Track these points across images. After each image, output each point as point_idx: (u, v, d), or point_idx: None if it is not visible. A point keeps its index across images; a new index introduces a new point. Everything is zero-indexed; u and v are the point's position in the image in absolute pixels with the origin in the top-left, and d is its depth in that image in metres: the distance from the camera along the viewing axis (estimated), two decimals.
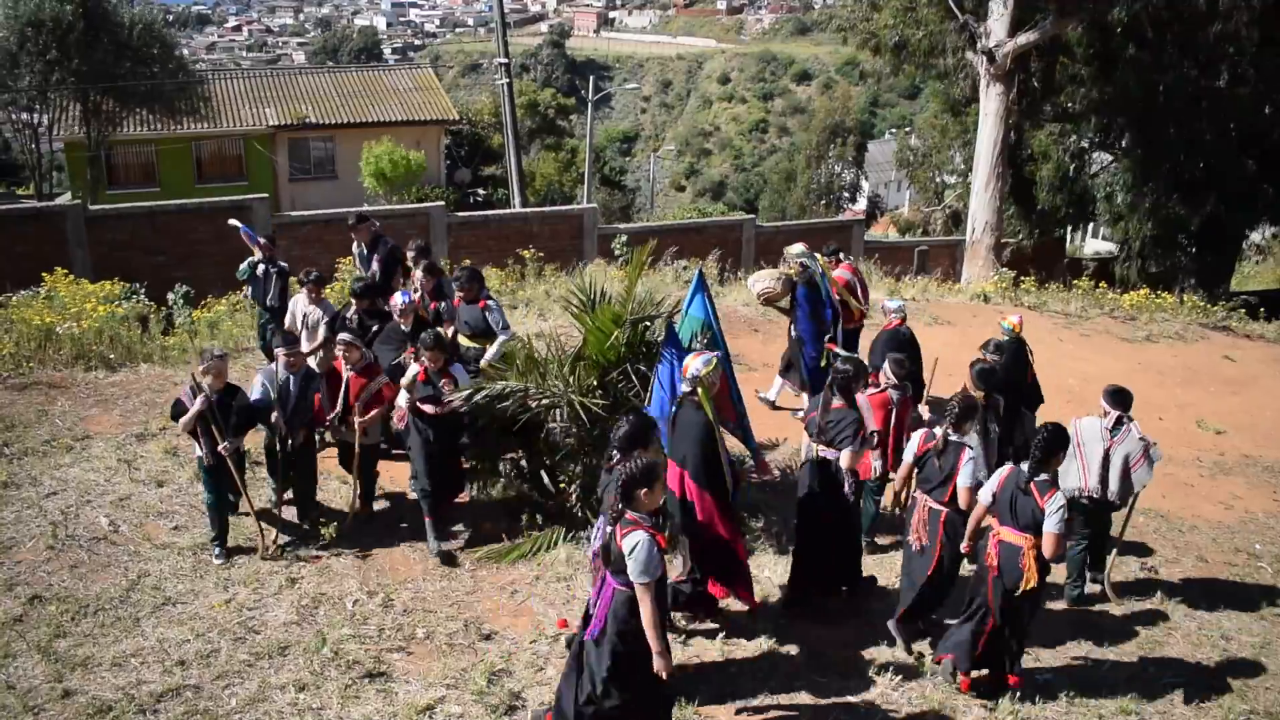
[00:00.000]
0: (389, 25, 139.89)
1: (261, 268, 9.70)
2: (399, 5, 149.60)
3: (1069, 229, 26.77)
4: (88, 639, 5.98)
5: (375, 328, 8.26)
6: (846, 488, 6.34)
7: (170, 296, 12.80)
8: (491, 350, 7.99)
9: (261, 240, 9.78)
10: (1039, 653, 6.33)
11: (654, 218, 45.15)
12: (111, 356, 10.37)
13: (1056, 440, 5.56)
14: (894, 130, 72.72)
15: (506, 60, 21.64)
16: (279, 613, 6.36)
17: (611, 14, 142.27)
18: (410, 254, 9.26)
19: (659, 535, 4.71)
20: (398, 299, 8.04)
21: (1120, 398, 6.82)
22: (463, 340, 8.26)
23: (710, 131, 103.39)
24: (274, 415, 7.01)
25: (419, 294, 8.70)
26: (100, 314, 10.80)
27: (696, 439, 5.89)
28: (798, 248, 9.15)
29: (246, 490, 6.99)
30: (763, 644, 6.19)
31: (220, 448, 6.64)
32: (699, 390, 5.98)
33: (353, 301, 8.49)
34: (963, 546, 5.98)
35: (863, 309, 10.06)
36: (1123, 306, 14.89)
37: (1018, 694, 5.84)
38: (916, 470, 6.23)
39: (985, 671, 5.90)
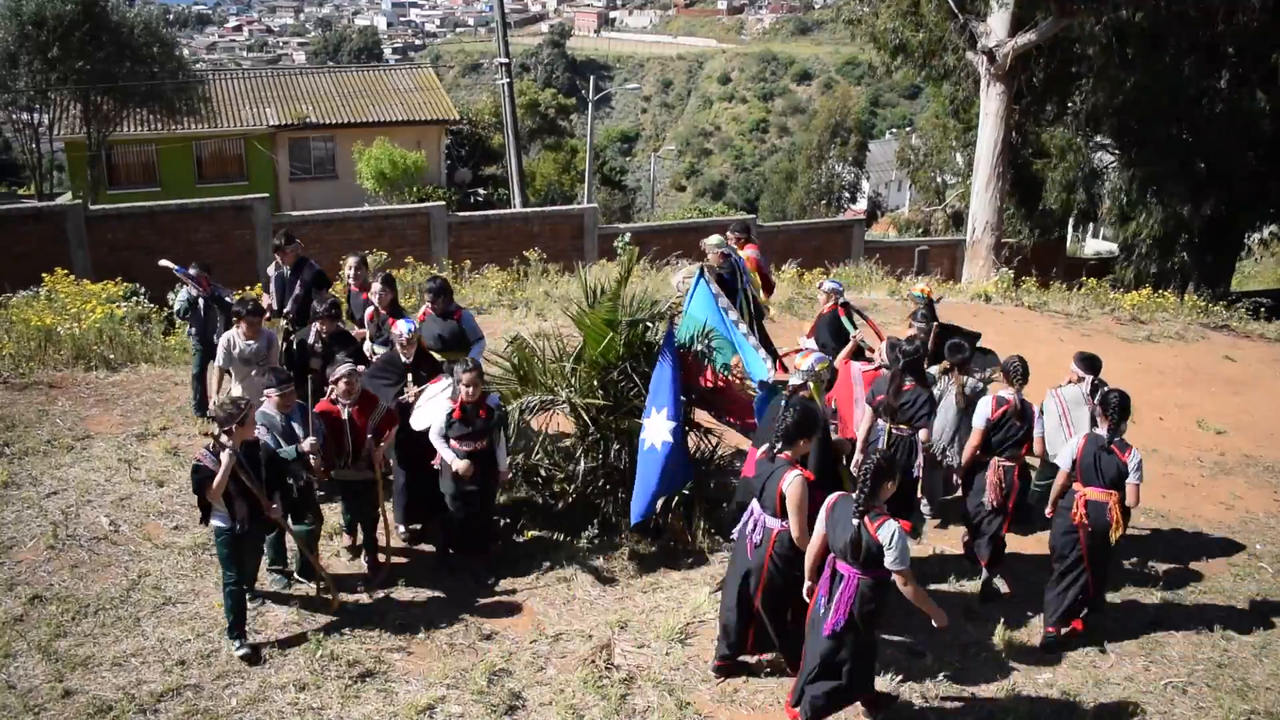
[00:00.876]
0: (389, 25, 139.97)
1: (201, 301, 8.79)
2: (399, 5, 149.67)
3: (1070, 229, 26.73)
4: (88, 639, 5.98)
5: (339, 354, 7.32)
6: (918, 464, 6.76)
7: (170, 296, 12.78)
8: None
9: (193, 272, 8.82)
10: (1038, 653, 6.34)
11: (654, 218, 45.18)
12: (112, 356, 10.38)
13: (1128, 405, 6.30)
14: (894, 130, 72.70)
15: (507, 60, 21.65)
16: (279, 612, 6.36)
17: (612, 14, 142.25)
18: (350, 266, 8.63)
19: (905, 523, 4.98)
20: (402, 327, 7.17)
21: (1092, 363, 7.27)
22: (433, 354, 7.61)
23: (710, 131, 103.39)
24: (313, 458, 6.27)
25: (372, 309, 8.09)
26: (101, 314, 10.79)
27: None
28: (715, 238, 9.18)
29: (308, 549, 6.33)
30: None
31: (269, 513, 5.88)
32: (810, 385, 6.23)
33: (313, 326, 7.68)
34: (1047, 512, 6.55)
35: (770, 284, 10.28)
36: (1124, 306, 14.87)
37: (1018, 691, 5.85)
38: (990, 435, 6.70)
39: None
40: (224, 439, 5.75)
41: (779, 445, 5.41)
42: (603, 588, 6.85)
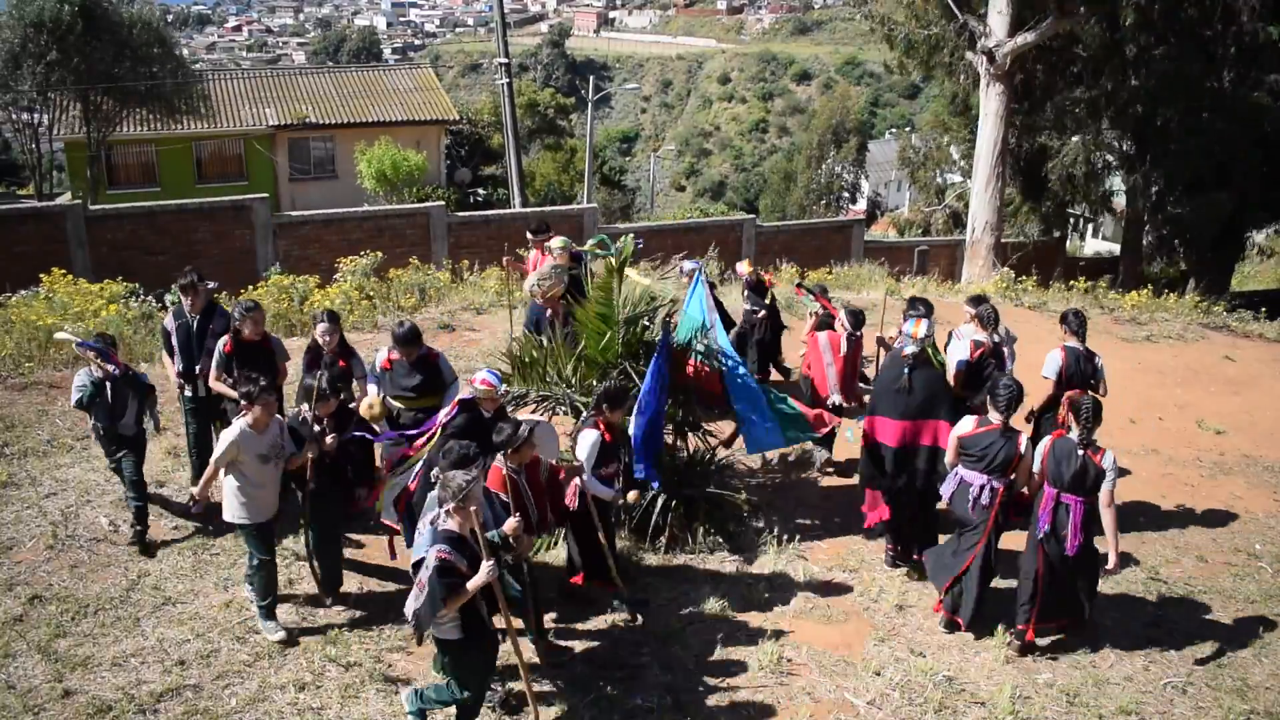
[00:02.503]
0: (389, 25, 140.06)
1: (109, 386, 6.87)
2: (399, 5, 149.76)
3: (1070, 228, 26.72)
4: (88, 639, 5.98)
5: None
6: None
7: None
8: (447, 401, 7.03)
9: (93, 349, 6.88)
10: (1037, 653, 6.34)
11: (654, 218, 45.17)
12: None
13: (1083, 317, 7.60)
14: (894, 130, 72.67)
15: (506, 60, 21.63)
16: (279, 612, 6.35)
17: (611, 14, 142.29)
18: (238, 315, 7.14)
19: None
20: (491, 380, 6.26)
21: (981, 302, 8.07)
22: (397, 403, 7.03)
23: (710, 131, 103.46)
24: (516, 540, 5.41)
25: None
26: (111, 313, 10.77)
27: (946, 390, 6.96)
28: (559, 240, 9.17)
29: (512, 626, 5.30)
30: (763, 643, 6.20)
31: (505, 612, 5.10)
32: (927, 350, 6.87)
33: (303, 410, 6.41)
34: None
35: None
36: (1123, 306, 14.86)
37: (1018, 691, 5.84)
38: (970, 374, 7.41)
39: None
40: (451, 524, 4.80)
41: (1007, 417, 6.15)
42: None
